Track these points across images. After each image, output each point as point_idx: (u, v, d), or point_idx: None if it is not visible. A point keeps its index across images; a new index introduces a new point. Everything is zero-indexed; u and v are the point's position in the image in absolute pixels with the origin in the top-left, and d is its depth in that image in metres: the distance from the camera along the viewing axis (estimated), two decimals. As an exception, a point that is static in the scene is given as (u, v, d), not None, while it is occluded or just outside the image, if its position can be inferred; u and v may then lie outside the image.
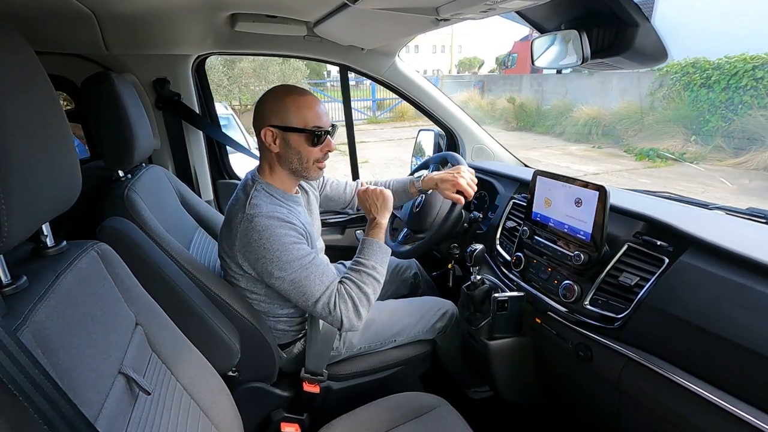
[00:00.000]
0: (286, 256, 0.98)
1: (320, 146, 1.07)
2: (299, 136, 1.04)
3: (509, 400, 1.24)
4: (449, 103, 1.86)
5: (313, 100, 1.06)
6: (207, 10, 1.27)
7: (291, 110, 1.03)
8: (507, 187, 1.45)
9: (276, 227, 0.99)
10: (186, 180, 1.57)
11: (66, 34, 1.23)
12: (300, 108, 1.04)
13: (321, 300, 1.00)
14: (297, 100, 1.04)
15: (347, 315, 1.01)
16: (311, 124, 1.04)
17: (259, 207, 1.01)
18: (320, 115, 1.06)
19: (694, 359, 0.74)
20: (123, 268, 0.72)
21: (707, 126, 7.34)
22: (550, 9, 1.03)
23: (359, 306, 1.02)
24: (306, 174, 1.10)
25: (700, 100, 7.53)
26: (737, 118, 7.03)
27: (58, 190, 0.55)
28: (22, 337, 0.46)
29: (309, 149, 1.06)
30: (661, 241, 0.88)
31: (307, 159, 1.07)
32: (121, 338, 0.64)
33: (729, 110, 7.18)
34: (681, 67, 7.82)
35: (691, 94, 7.65)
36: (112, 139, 1.06)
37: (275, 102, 1.05)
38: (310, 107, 1.05)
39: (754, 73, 6.93)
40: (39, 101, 0.52)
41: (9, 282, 0.52)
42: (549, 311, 1.03)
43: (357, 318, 1.02)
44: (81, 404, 0.47)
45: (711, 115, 7.37)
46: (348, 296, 1.02)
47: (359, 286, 1.04)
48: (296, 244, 1.01)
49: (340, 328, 1.03)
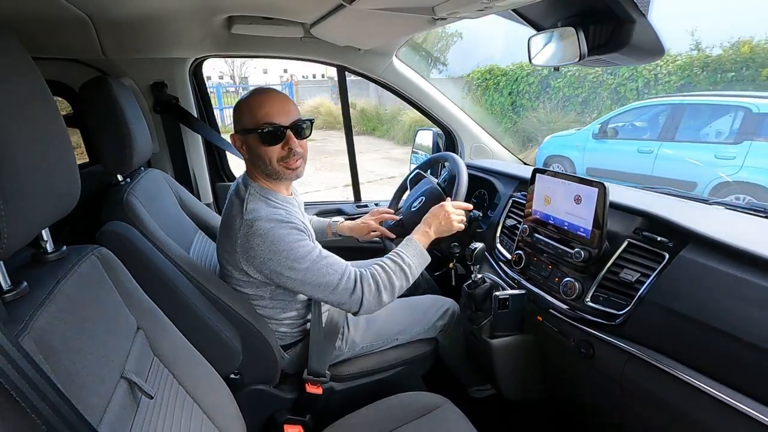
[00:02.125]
0: (293, 254, 0.98)
1: (280, 144, 1.03)
2: (254, 137, 1.02)
3: (512, 399, 1.24)
4: (447, 103, 1.86)
5: (266, 99, 1.03)
6: (203, 13, 1.27)
7: (244, 112, 1.03)
8: (506, 186, 1.45)
9: (278, 228, 0.99)
10: (185, 183, 1.57)
11: (63, 40, 1.23)
12: (251, 108, 1.02)
13: (339, 286, 1.00)
14: (250, 101, 1.03)
15: (368, 298, 1.01)
16: (261, 122, 1.01)
17: (257, 211, 1.01)
18: (273, 113, 1.02)
19: (695, 354, 0.74)
20: (123, 273, 0.72)
21: (500, 127, 8.29)
22: (546, 6, 1.03)
23: (382, 292, 1.03)
24: (276, 176, 1.07)
25: (494, 103, 8.58)
26: (519, 120, 8.14)
27: (58, 196, 0.55)
28: (23, 342, 0.46)
29: (266, 149, 1.03)
30: (661, 237, 0.88)
31: (270, 159, 1.04)
32: (122, 342, 0.64)
33: (513, 113, 8.33)
34: (481, 73, 8.78)
35: (488, 99, 8.68)
36: (111, 144, 1.06)
37: (236, 107, 1.06)
38: (261, 106, 1.02)
39: (527, 78, 7.97)
40: (37, 107, 0.52)
41: (9, 288, 0.52)
42: (550, 309, 1.03)
43: (377, 303, 1.03)
44: (84, 409, 0.47)
45: (501, 117, 8.46)
46: (374, 281, 1.03)
47: (389, 276, 1.04)
48: (301, 242, 1.00)
49: (357, 312, 1.03)
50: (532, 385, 1.20)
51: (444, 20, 1.03)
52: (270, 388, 1.16)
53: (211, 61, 1.76)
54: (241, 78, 19.80)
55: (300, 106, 1.82)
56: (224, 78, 20.88)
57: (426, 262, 1.12)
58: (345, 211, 1.99)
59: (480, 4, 0.86)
